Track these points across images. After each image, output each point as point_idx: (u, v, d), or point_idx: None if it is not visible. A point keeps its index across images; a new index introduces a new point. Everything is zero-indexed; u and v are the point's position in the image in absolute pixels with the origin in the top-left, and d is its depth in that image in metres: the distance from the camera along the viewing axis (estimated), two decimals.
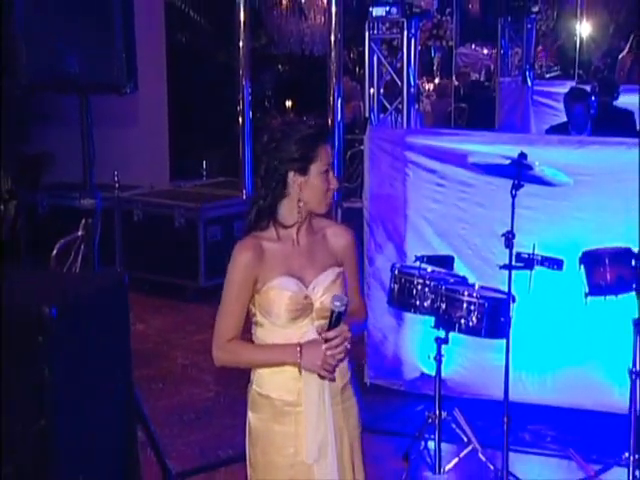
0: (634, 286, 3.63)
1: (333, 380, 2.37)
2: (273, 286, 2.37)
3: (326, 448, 2.37)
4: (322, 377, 2.34)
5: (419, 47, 6.27)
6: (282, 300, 2.37)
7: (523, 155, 3.62)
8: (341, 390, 2.45)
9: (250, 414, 2.47)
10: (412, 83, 5.50)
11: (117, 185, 6.94)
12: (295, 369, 2.36)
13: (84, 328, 2.80)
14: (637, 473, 3.68)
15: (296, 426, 2.39)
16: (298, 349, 2.32)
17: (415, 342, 4.65)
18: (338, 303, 2.32)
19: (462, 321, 3.74)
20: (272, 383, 2.42)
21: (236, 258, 2.40)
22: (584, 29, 10.53)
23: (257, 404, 2.45)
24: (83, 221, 3.73)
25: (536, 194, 4.06)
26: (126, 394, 3.09)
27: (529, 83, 8.52)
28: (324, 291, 2.38)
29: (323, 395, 2.37)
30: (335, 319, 2.32)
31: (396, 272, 3.96)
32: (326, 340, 2.31)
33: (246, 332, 2.48)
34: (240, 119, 6.79)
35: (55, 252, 4.06)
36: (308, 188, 2.38)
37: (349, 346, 2.34)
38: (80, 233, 3.77)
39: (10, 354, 2.59)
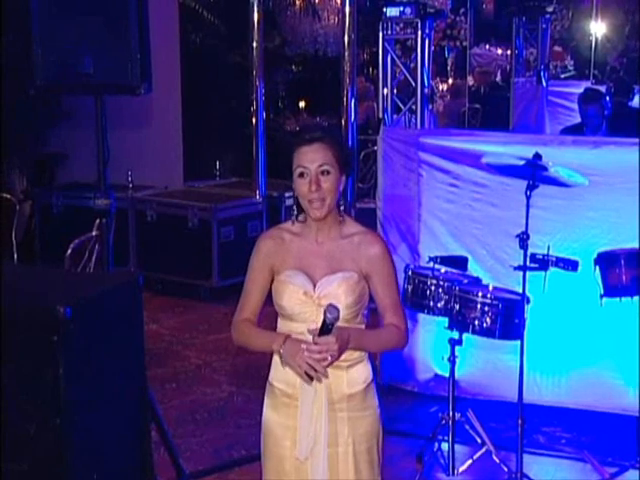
0: None
1: (308, 382, 2.32)
2: (282, 277, 2.42)
3: (317, 448, 2.38)
4: (298, 374, 2.33)
5: (433, 47, 6.26)
6: (285, 292, 2.40)
7: (538, 156, 3.61)
8: (348, 398, 2.42)
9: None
10: (426, 83, 5.49)
11: (131, 185, 6.97)
12: None
13: (98, 328, 2.81)
14: None
15: (293, 420, 2.41)
16: (283, 339, 2.34)
17: (429, 343, 4.65)
18: (329, 315, 2.26)
19: (476, 322, 3.73)
20: (276, 371, 2.45)
21: (257, 245, 2.48)
22: (599, 29, 10.47)
23: (267, 391, 2.51)
24: (97, 221, 3.75)
25: (551, 195, 4.04)
26: (140, 393, 3.10)
27: (544, 83, 8.49)
28: (326, 293, 2.37)
29: (321, 396, 2.37)
30: (324, 328, 2.27)
31: (410, 273, 3.96)
32: (314, 342, 2.29)
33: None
34: (254, 119, 6.80)
35: (69, 252, 4.09)
36: (296, 191, 2.40)
37: (330, 359, 2.28)
38: (94, 233, 3.79)
39: (25, 354, 2.60)
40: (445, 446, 3.94)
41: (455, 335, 3.82)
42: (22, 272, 3.06)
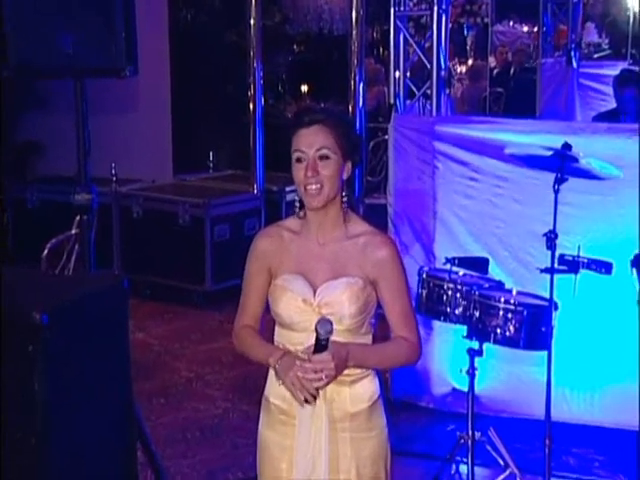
0: None
1: (301, 403, 2.32)
2: (279, 281, 2.42)
3: (317, 472, 2.37)
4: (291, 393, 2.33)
5: (450, 25, 6.25)
6: (281, 298, 2.40)
7: (567, 145, 3.61)
8: (351, 416, 2.42)
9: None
10: (442, 65, 5.48)
11: (115, 179, 6.97)
12: None
13: (79, 337, 2.82)
14: None
15: (290, 440, 2.41)
16: (281, 354, 2.35)
17: (445, 354, 4.65)
18: (321, 330, 2.25)
19: (498, 331, 3.73)
20: (272, 386, 2.46)
21: (254, 244, 2.49)
22: (638, 2, 10.44)
23: (262, 407, 2.53)
24: (77, 218, 3.76)
25: (582, 189, 4.04)
26: (125, 410, 3.10)
27: (574, 64, 8.47)
28: (328, 301, 2.37)
29: (321, 415, 2.37)
30: (318, 345, 2.27)
31: (424, 276, 3.96)
32: (308, 360, 2.29)
33: None
34: (251, 105, 6.81)
35: (46, 252, 4.10)
36: (294, 178, 2.40)
37: (325, 379, 2.28)
38: (74, 231, 3.79)
39: None
40: (464, 469, 3.94)
41: (475, 345, 3.82)
42: None
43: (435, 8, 5.36)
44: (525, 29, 12.10)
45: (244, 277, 2.51)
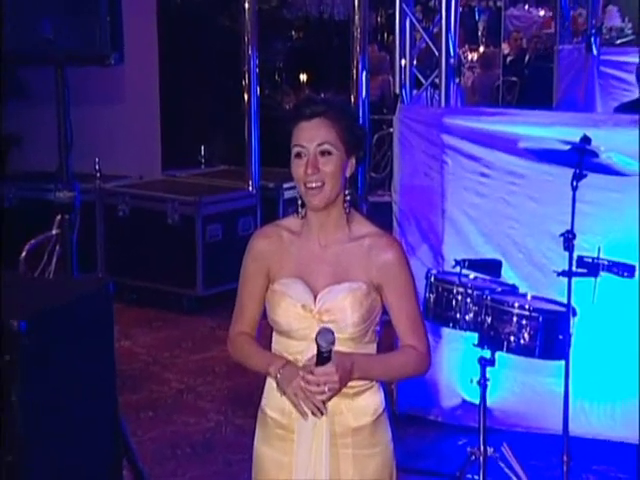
0: None
1: (304, 416, 2.32)
2: (277, 285, 2.42)
3: None
4: (294, 405, 2.33)
5: (460, 8, 6.25)
6: (279, 304, 2.40)
7: (586, 139, 3.60)
8: (354, 432, 2.42)
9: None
10: (452, 52, 5.47)
11: (99, 175, 6.97)
12: None
13: (60, 345, 2.82)
14: None
15: (289, 456, 2.41)
16: (282, 363, 2.35)
17: (455, 363, 4.65)
18: (322, 342, 2.24)
19: (511, 338, 3.73)
20: (270, 397, 2.46)
21: (250, 245, 2.49)
22: None
23: (258, 420, 2.52)
24: (58, 217, 3.76)
25: (602, 186, 4.04)
26: (110, 424, 3.10)
27: (595, 51, 8.46)
28: (329, 307, 2.37)
29: (322, 430, 2.36)
30: (320, 357, 2.27)
31: (432, 279, 3.96)
32: (310, 372, 2.29)
33: None
34: (246, 96, 6.81)
35: (24, 254, 4.10)
36: (293, 175, 2.40)
37: (328, 392, 2.27)
38: (54, 232, 3.79)
39: None
40: None
41: (486, 354, 3.82)
42: None
43: None
44: (541, 13, 12.11)
45: (240, 280, 2.52)
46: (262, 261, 2.46)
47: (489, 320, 3.77)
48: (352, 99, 6.36)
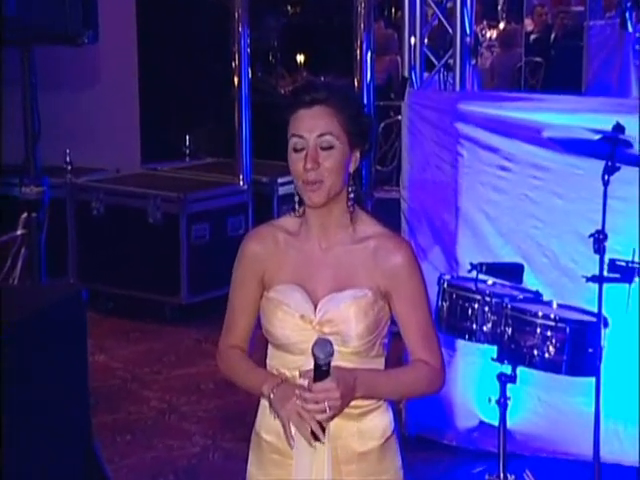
0: None
1: (290, 444, 2.32)
2: (272, 293, 2.43)
3: None
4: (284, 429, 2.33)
5: None
6: (274, 314, 2.41)
7: (619, 127, 3.61)
8: (359, 457, 2.42)
9: None
10: (468, 30, 5.48)
11: (70, 168, 6.98)
12: None
13: (26, 361, 2.82)
14: None
15: None
16: (277, 382, 2.35)
17: (471, 380, 4.65)
18: (319, 354, 2.23)
19: (535, 352, 3.74)
20: (265, 419, 2.46)
21: (242, 248, 2.50)
22: None
23: (252, 443, 2.53)
24: (24, 216, 3.77)
25: (636, 181, 4.04)
26: (83, 449, 3.11)
27: (630, 28, 8.45)
28: (331, 318, 2.36)
29: (322, 455, 2.35)
30: (318, 371, 2.26)
31: (445, 285, 3.97)
32: (308, 388, 2.28)
33: None
34: (236, 79, 6.81)
35: None
36: (290, 169, 2.40)
37: (329, 412, 2.26)
38: (20, 232, 3.80)
39: None
40: None
41: (507, 369, 3.82)
42: None
43: None
44: None
45: (231, 287, 2.52)
46: (256, 266, 2.46)
47: (509, 331, 3.77)
48: (355, 83, 6.37)
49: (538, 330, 3.73)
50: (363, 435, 2.43)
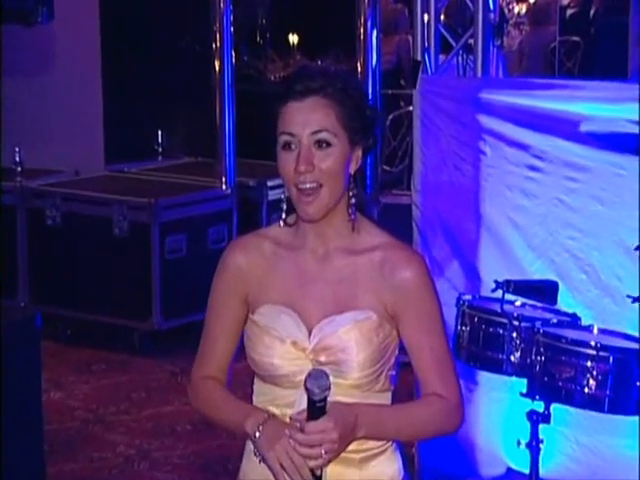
0: None
1: None
2: (258, 315, 2.43)
3: None
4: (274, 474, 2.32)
5: None
6: (261, 340, 2.41)
7: None
8: None
9: None
10: (491, 5, 5.51)
11: (20, 169, 6.99)
12: None
13: None
14: None
15: None
16: (264, 418, 2.35)
17: (496, 419, 4.66)
18: (313, 387, 2.23)
19: (572, 386, 3.75)
20: (250, 465, 2.45)
21: (223, 260, 2.50)
22: None
23: None
24: None
25: None
26: None
27: None
28: (327, 345, 2.37)
29: None
30: (312, 408, 2.26)
31: (465, 307, 3.98)
32: (301, 429, 2.27)
33: None
34: (217, 64, 6.83)
35: None
36: (279, 171, 2.40)
37: (326, 456, 2.26)
38: None
39: None
40: None
41: (539, 406, 3.83)
42: None
43: None
44: None
45: (208, 306, 2.53)
46: (238, 281, 2.47)
47: (542, 361, 3.78)
48: (359, 68, 6.39)
49: (576, 360, 3.73)
50: None
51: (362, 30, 6.34)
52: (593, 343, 3.76)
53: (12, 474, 2.99)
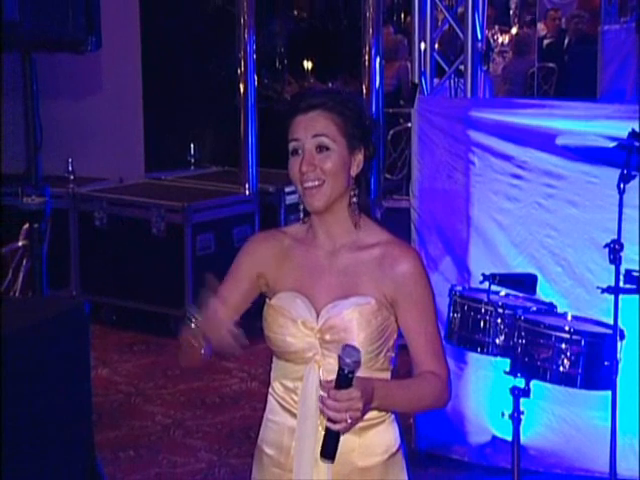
0: None
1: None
2: (275, 300, 2.44)
3: None
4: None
5: None
6: (275, 321, 2.41)
7: (635, 134, 3.60)
8: (361, 472, 2.41)
9: None
10: (479, 35, 5.48)
11: (72, 177, 7.00)
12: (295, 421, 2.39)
13: (26, 377, 2.82)
14: None
15: None
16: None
17: (483, 394, 4.65)
18: (346, 359, 2.20)
19: (549, 365, 3.72)
20: (267, 432, 2.47)
21: (245, 246, 2.55)
22: None
23: (255, 457, 2.53)
24: (26, 226, 3.77)
25: None
26: (85, 465, 3.11)
27: None
28: (333, 325, 2.37)
29: (324, 470, 2.35)
30: (341, 379, 2.22)
31: (456, 297, 3.96)
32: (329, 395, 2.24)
33: None
34: (241, 86, 6.83)
35: None
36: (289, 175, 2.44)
37: (349, 421, 2.22)
38: (21, 243, 3.81)
39: None
40: None
41: (520, 383, 3.81)
42: None
43: None
44: None
45: (228, 272, 2.56)
46: (254, 263, 2.49)
47: (523, 344, 3.76)
48: (364, 89, 6.38)
49: (552, 342, 3.72)
50: (365, 450, 2.41)
51: (367, 57, 6.34)
52: (567, 328, 3.75)
53: (66, 440, 2.98)
